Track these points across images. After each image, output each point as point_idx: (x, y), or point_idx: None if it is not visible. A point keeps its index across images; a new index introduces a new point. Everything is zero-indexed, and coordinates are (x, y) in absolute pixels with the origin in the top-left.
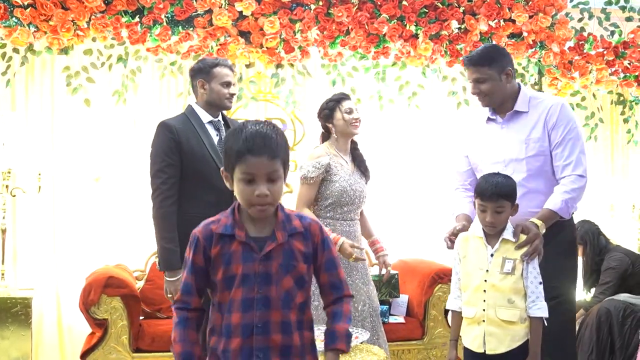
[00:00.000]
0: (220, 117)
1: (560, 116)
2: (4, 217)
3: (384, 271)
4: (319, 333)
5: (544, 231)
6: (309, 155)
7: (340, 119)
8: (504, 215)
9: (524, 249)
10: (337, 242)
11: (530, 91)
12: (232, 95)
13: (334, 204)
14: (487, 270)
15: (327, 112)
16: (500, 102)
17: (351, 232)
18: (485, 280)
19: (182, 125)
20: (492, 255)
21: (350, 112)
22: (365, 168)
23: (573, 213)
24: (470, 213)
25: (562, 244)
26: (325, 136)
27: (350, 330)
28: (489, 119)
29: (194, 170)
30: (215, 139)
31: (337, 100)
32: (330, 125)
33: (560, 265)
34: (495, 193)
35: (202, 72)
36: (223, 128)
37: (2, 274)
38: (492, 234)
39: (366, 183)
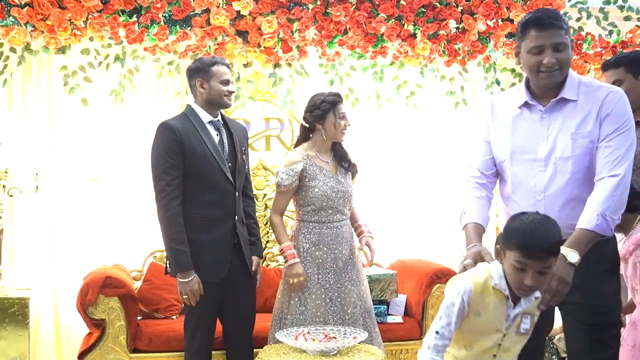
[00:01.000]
0: (219, 117)
1: (617, 107)
2: (1, 217)
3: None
4: (317, 333)
5: (575, 260)
6: (286, 160)
7: (332, 124)
8: (549, 276)
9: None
10: (288, 260)
11: (578, 75)
12: (231, 92)
13: (317, 208)
14: (505, 334)
15: (320, 113)
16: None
17: (338, 235)
18: (499, 345)
19: (183, 126)
20: (514, 315)
21: (343, 117)
22: (349, 164)
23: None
24: (484, 222)
25: (608, 261)
26: (306, 133)
27: (349, 330)
28: (525, 104)
29: (196, 171)
30: (216, 139)
31: (332, 104)
32: (319, 126)
33: (608, 287)
34: (546, 250)
35: (200, 71)
36: (223, 128)
37: (0, 274)
38: None
39: (353, 177)
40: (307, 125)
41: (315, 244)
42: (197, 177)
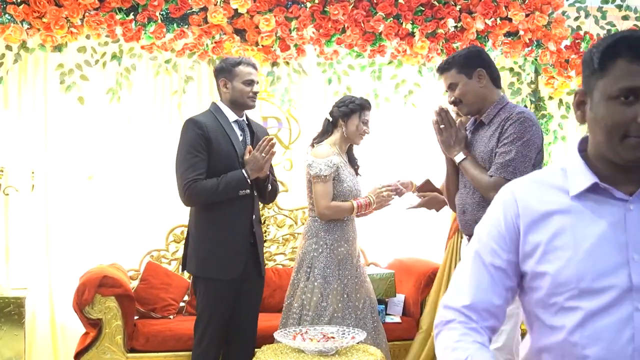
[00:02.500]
0: (244, 117)
1: None
2: None
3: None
4: (315, 333)
5: None
6: (316, 153)
7: (355, 126)
8: None
9: None
10: (371, 204)
11: None
12: (255, 93)
13: None
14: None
15: (347, 110)
16: None
17: (354, 230)
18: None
19: (210, 123)
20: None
21: (366, 123)
22: (357, 166)
23: None
24: None
25: None
26: (328, 128)
27: (347, 330)
28: (591, 190)
29: (219, 169)
30: (240, 139)
31: (360, 106)
32: (342, 123)
33: None
34: None
35: (224, 71)
36: (247, 128)
37: None
38: None
39: None
40: (330, 120)
41: (337, 240)
42: (219, 175)
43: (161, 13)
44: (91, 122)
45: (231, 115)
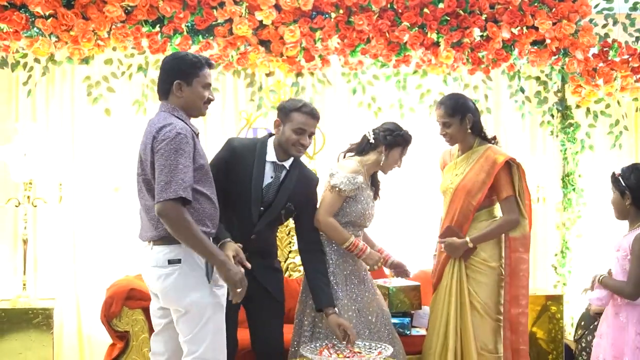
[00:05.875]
0: (288, 162)
1: None
2: (25, 228)
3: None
4: (341, 348)
5: None
6: (343, 165)
7: (395, 159)
8: None
9: None
10: (364, 251)
11: None
12: (302, 145)
13: (349, 222)
14: None
15: (394, 142)
16: None
17: None
18: None
19: (245, 152)
20: None
21: (401, 158)
22: (378, 190)
23: None
24: None
25: None
26: (365, 147)
27: (374, 344)
28: None
29: (228, 201)
30: (268, 180)
31: (405, 142)
32: (381, 149)
33: None
34: None
35: (281, 112)
36: (283, 173)
37: (24, 284)
38: None
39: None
40: (372, 141)
41: (342, 255)
42: (225, 203)
43: (187, 25)
44: (118, 134)
45: (271, 155)
